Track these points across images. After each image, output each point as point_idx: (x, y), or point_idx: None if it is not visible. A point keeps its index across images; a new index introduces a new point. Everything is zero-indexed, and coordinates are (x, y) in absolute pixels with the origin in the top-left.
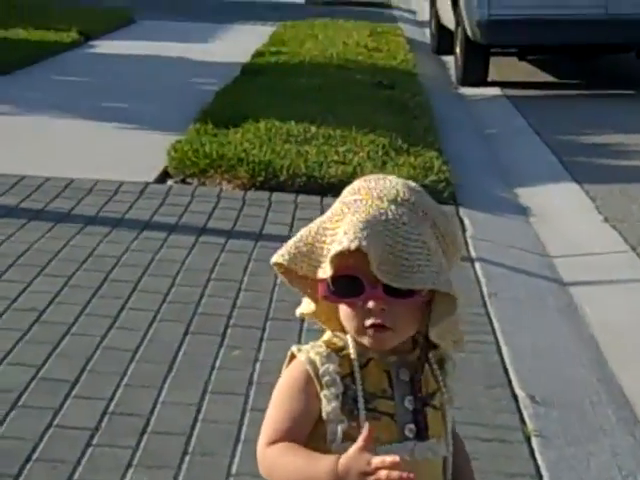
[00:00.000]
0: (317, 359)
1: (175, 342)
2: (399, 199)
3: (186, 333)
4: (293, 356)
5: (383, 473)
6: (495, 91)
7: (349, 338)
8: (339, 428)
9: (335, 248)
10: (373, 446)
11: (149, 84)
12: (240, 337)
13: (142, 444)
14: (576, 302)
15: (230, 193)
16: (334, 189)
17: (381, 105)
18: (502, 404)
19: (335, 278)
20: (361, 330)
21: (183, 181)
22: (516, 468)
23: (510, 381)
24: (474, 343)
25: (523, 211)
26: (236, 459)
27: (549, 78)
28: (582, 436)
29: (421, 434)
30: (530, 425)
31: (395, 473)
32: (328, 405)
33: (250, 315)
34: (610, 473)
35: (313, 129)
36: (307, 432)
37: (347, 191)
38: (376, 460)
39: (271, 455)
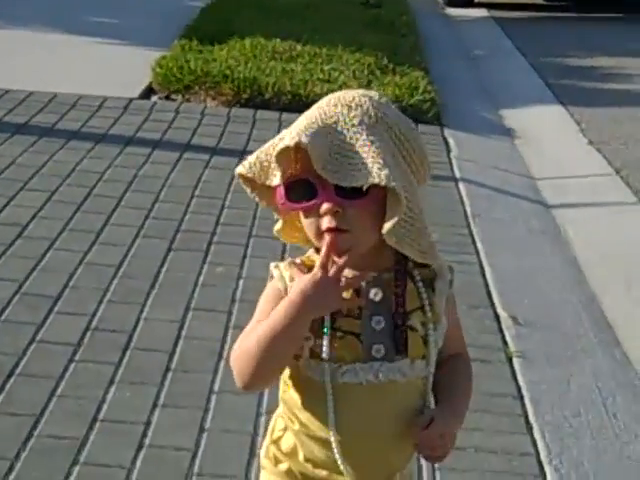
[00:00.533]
0: (286, 276)
1: (158, 258)
2: (353, 104)
3: (169, 250)
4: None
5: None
6: (482, 12)
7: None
8: (306, 345)
9: (278, 147)
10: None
11: (132, 0)
12: (223, 254)
13: (125, 360)
14: (559, 224)
15: (214, 110)
16: None
17: (368, 24)
18: (485, 324)
19: (288, 184)
20: (320, 236)
21: (167, 97)
22: (498, 388)
23: (493, 302)
24: (457, 263)
25: (508, 133)
26: (218, 376)
27: (537, 0)
28: (563, 357)
29: (390, 356)
30: (512, 346)
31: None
32: None
33: (233, 232)
34: (590, 394)
35: (299, 47)
36: None
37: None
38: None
39: (238, 346)
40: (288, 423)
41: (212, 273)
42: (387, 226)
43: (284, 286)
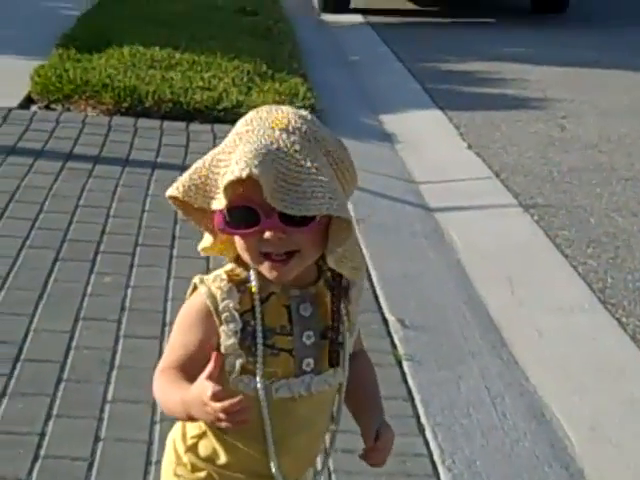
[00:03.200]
0: (218, 294)
1: (45, 269)
2: (290, 127)
3: (56, 260)
4: (196, 286)
5: (211, 408)
6: (357, 18)
7: (252, 271)
8: (237, 362)
9: (227, 178)
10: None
11: (6, 10)
12: (110, 263)
13: (16, 372)
14: (442, 227)
15: (95, 119)
16: (200, 115)
17: (245, 31)
18: (373, 328)
19: (230, 209)
20: (260, 261)
21: (47, 107)
22: (389, 391)
23: (380, 306)
24: None
25: (388, 138)
26: (111, 385)
27: (410, 6)
28: (452, 359)
29: (318, 367)
30: (401, 349)
31: (223, 406)
32: (227, 340)
33: (119, 241)
34: (479, 395)
35: (177, 55)
36: (202, 363)
37: (240, 123)
38: (208, 392)
39: (157, 381)
40: (215, 432)
41: (100, 282)
42: (334, 252)
43: (214, 305)
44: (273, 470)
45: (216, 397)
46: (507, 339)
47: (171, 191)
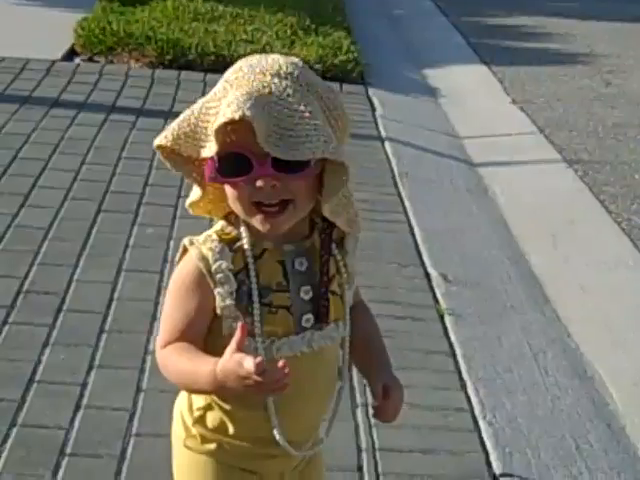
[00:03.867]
0: (209, 255)
1: (88, 220)
2: (282, 73)
3: (99, 211)
4: (186, 249)
5: (254, 380)
6: None
7: (242, 228)
8: (234, 324)
9: (219, 120)
10: (251, 343)
11: None
12: (153, 215)
13: (58, 322)
14: (486, 182)
15: (138, 71)
16: None
17: None
18: (415, 283)
19: (221, 157)
20: (252, 212)
21: (90, 59)
22: (431, 345)
23: (423, 260)
24: (386, 223)
25: (432, 92)
26: (153, 336)
27: None
28: (494, 314)
29: (319, 323)
30: (443, 303)
31: (270, 375)
32: (222, 302)
33: (162, 193)
34: (521, 350)
35: (221, 8)
36: (203, 329)
37: (229, 71)
38: (248, 365)
39: (164, 356)
40: (218, 401)
41: (142, 234)
42: (329, 200)
43: (207, 267)
44: (276, 435)
45: (259, 368)
46: (550, 295)
47: (159, 140)
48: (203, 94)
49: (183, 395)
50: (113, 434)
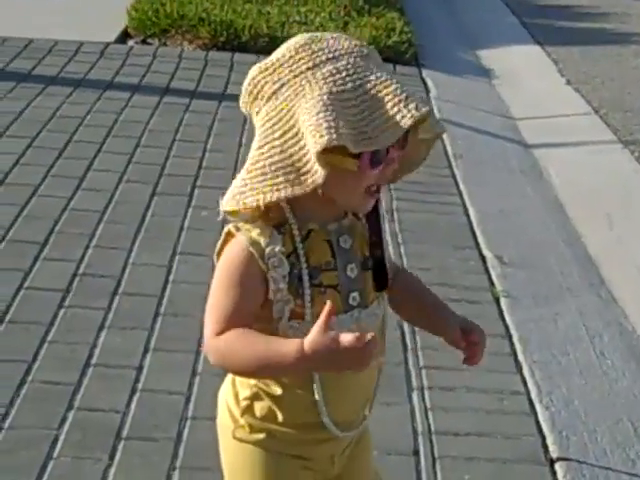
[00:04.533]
0: (261, 240)
1: (143, 203)
2: (365, 51)
3: (153, 194)
4: (229, 234)
5: (362, 352)
6: None
7: (287, 209)
8: (285, 308)
9: (396, 133)
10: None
11: None
12: (207, 198)
13: (114, 305)
14: (540, 164)
15: (192, 53)
16: None
17: None
18: (470, 265)
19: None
20: (363, 196)
21: (144, 41)
22: (486, 328)
23: (478, 242)
24: (441, 204)
25: (486, 73)
26: None
27: None
28: (549, 296)
29: (364, 301)
30: (498, 286)
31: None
32: (275, 286)
33: (216, 175)
34: (577, 333)
35: None
36: (254, 315)
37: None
38: (346, 338)
39: (223, 343)
40: (265, 389)
41: (197, 217)
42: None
43: (259, 252)
44: (323, 418)
45: (361, 341)
46: (606, 277)
47: (331, 139)
48: None
49: (227, 386)
50: (169, 417)
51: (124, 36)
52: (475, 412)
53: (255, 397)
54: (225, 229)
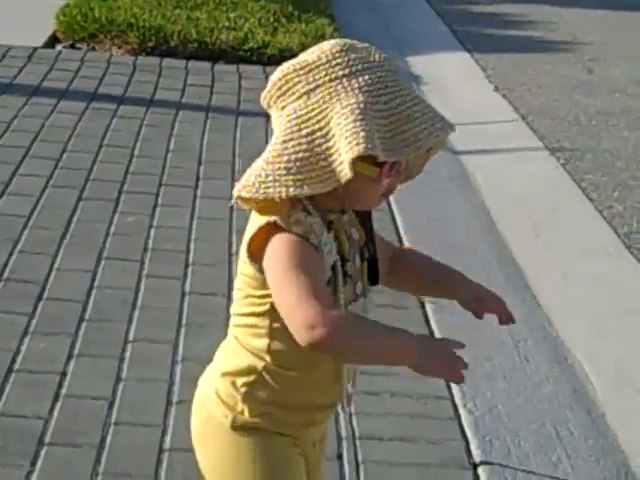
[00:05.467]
0: (316, 229)
1: (69, 208)
2: (381, 58)
3: (79, 199)
4: (274, 228)
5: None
6: None
7: (307, 203)
8: None
9: (428, 140)
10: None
11: None
12: (134, 203)
13: (38, 311)
14: (468, 170)
15: (120, 58)
16: (225, 55)
17: None
18: None
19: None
20: (380, 198)
21: (72, 46)
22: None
23: None
24: None
25: (415, 80)
26: (133, 325)
27: None
28: None
29: (365, 290)
30: None
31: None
32: (324, 274)
33: (143, 181)
34: (502, 338)
35: None
36: None
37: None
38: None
39: (342, 317)
40: (275, 375)
41: (123, 222)
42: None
43: (316, 239)
44: (344, 396)
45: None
46: (531, 282)
47: (367, 148)
48: (185, 81)
49: (215, 380)
50: (92, 423)
51: (52, 41)
52: (399, 417)
53: (256, 381)
54: (264, 221)
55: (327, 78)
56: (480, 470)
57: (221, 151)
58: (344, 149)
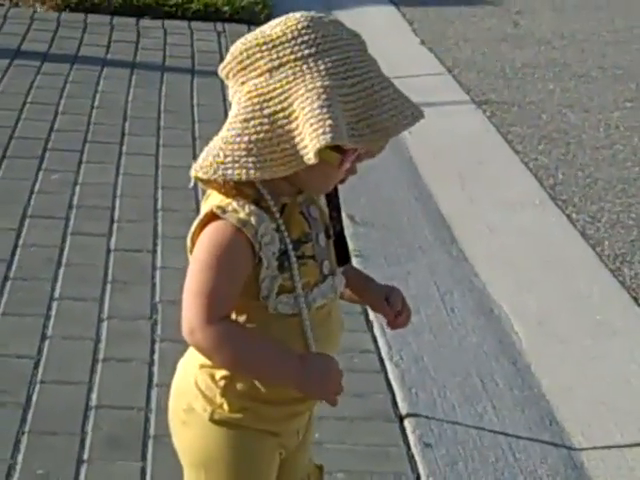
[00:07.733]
0: (252, 219)
1: None
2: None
3: (3, 157)
4: (213, 216)
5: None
6: None
7: (260, 187)
8: (275, 284)
9: (400, 127)
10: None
11: None
12: (59, 160)
13: None
14: None
15: (44, 15)
16: (150, 10)
17: None
18: None
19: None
20: (335, 182)
21: None
22: None
23: None
24: None
25: None
26: (58, 283)
27: None
28: (401, 255)
29: (332, 268)
30: (350, 245)
31: None
32: (268, 264)
33: (68, 138)
34: (428, 291)
35: None
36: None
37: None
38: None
39: (223, 332)
40: None
41: (48, 180)
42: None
43: (251, 232)
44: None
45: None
46: (457, 235)
47: (340, 140)
48: (110, 37)
49: (194, 371)
50: (18, 382)
51: None
52: None
53: (234, 375)
54: (206, 210)
55: (292, 57)
56: (406, 422)
57: (146, 107)
58: (309, 136)
